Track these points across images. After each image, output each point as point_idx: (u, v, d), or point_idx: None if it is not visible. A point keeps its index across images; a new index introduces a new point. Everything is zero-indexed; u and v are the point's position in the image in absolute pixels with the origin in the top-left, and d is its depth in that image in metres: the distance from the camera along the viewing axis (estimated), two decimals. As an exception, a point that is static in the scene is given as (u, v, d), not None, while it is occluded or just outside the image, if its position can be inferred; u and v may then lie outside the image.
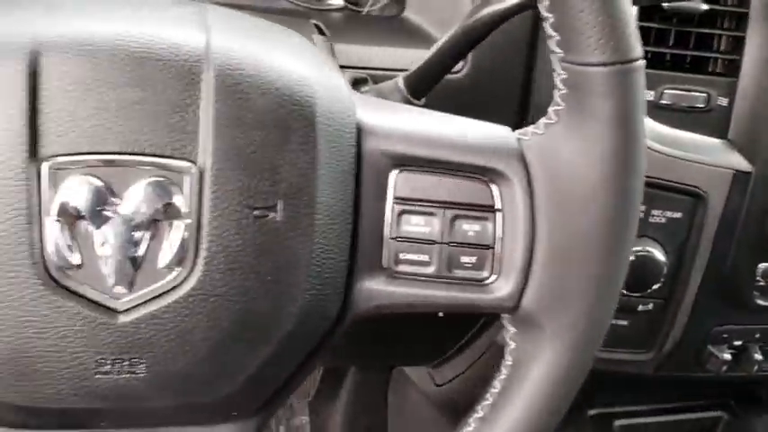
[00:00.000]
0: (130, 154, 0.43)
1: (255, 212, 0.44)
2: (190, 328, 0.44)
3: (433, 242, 0.49)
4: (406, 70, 0.69)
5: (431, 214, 0.49)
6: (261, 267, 0.45)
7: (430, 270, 0.49)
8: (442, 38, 0.67)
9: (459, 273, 0.49)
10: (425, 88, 0.68)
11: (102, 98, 0.42)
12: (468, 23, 0.65)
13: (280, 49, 0.48)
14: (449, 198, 0.49)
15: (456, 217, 0.49)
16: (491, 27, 0.65)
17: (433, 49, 0.67)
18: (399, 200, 0.48)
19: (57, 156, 0.42)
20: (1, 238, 0.41)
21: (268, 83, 0.44)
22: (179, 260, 0.44)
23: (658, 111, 0.81)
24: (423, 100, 0.69)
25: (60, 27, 0.43)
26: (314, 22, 0.77)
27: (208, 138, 0.43)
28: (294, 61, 0.47)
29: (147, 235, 0.43)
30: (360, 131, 0.48)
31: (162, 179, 0.43)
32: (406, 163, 0.48)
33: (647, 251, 0.81)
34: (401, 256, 0.49)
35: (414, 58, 0.70)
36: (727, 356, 0.89)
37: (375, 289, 0.49)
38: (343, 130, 0.47)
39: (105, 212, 0.42)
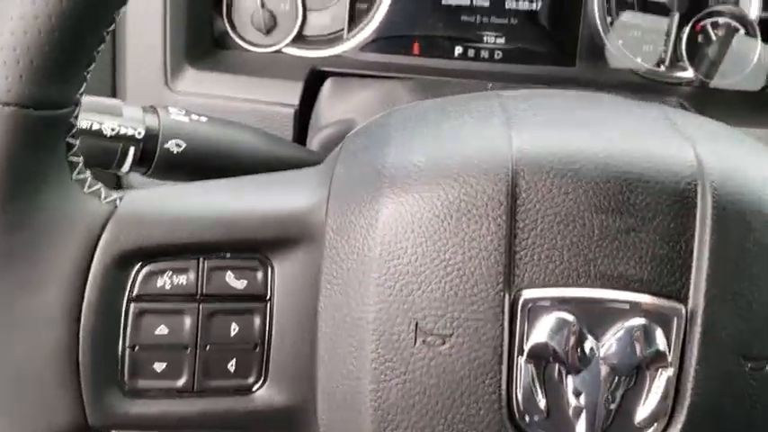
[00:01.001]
0: (613, 289, 0.37)
1: (750, 364, 0.37)
2: None
3: None
4: None
5: None
6: (742, 426, 0.38)
7: None
8: None
9: None
10: None
11: (583, 225, 0.37)
12: None
13: (765, 162, 0.41)
14: None
15: None
16: None
17: None
18: None
19: (532, 287, 0.37)
20: (469, 372, 0.37)
21: None
22: (657, 413, 0.37)
23: None
24: None
25: (541, 142, 0.38)
26: (678, 100, 0.70)
27: (701, 274, 0.37)
28: None
29: (626, 384, 0.37)
30: None
31: (647, 321, 0.37)
32: None
33: None
34: None
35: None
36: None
37: None
38: None
39: (582, 357, 0.37)
